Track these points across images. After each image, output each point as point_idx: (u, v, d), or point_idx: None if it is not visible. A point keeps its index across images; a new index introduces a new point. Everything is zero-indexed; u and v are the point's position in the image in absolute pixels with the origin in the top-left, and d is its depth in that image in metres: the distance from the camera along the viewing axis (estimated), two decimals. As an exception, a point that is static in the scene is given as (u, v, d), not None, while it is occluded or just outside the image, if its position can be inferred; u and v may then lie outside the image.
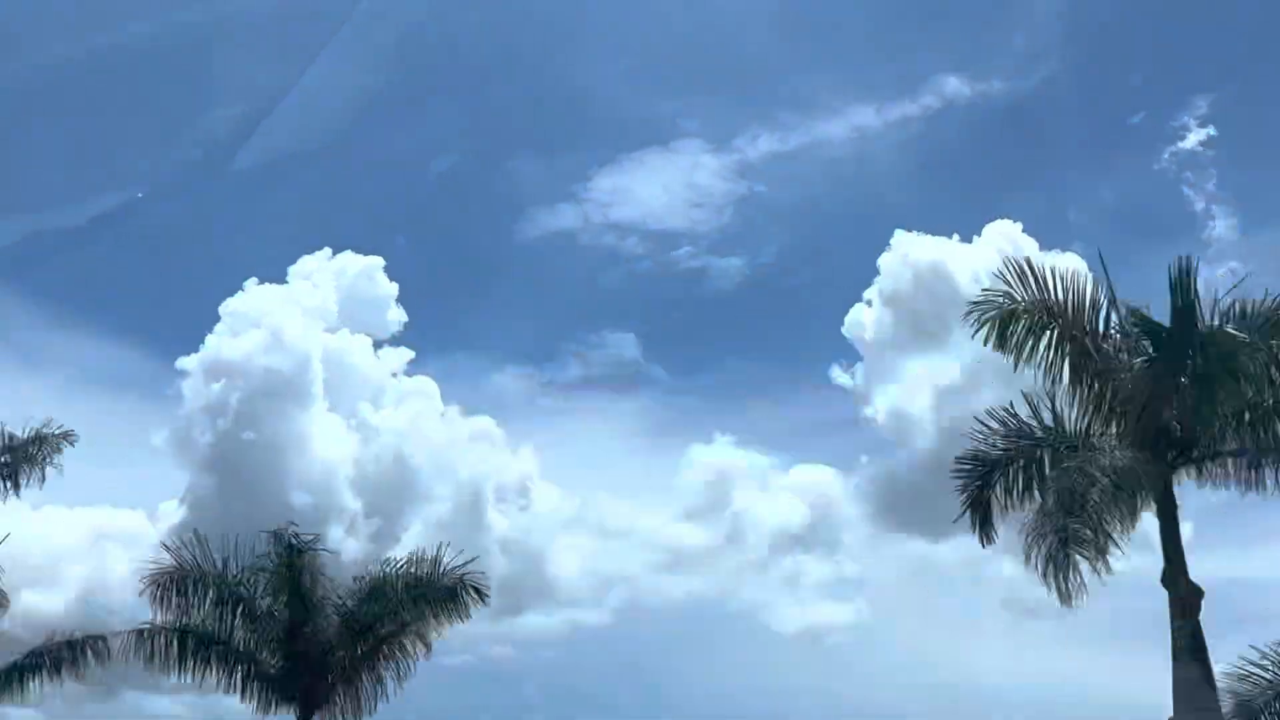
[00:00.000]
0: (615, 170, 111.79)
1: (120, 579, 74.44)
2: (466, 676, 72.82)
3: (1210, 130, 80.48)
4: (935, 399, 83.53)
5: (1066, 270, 19.93)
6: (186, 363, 77.34)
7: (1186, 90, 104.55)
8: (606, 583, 69.73)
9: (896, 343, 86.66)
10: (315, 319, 76.48)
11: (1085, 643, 65.78)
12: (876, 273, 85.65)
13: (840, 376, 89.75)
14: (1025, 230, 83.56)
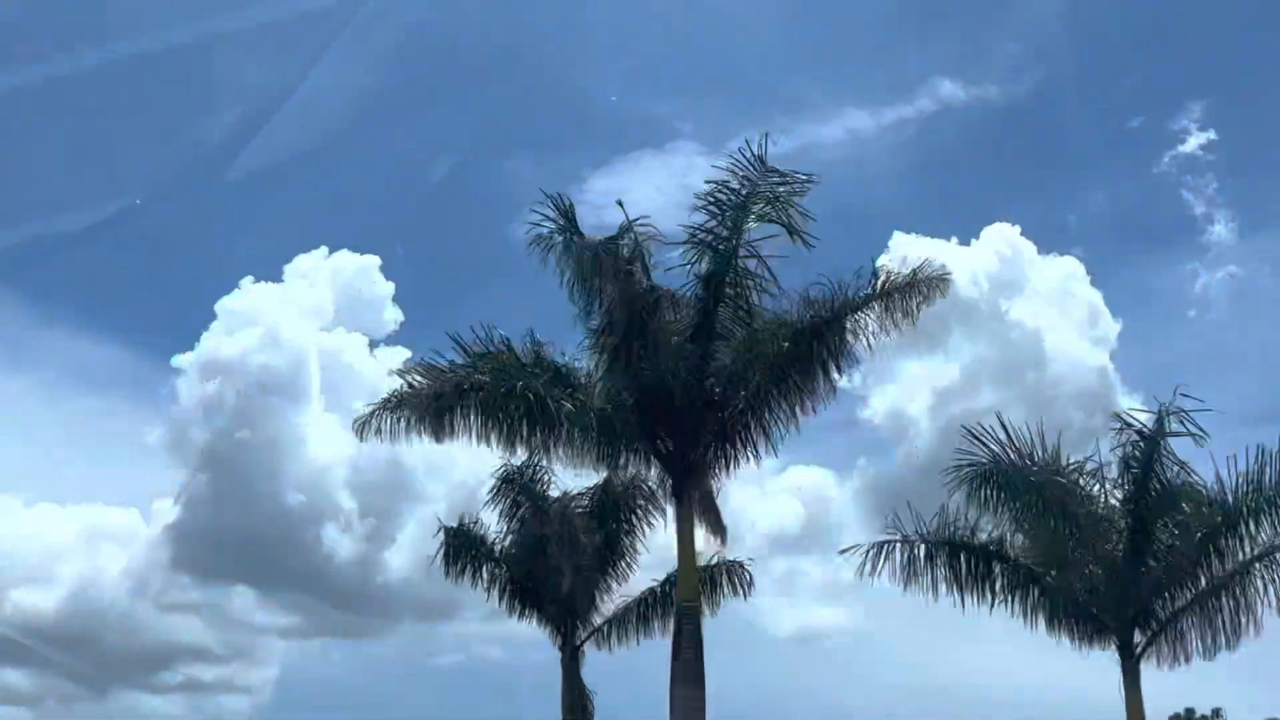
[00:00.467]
0: (609, 172, 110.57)
1: (113, 577, 73.82)
2: (458, 678, 72.38)
3: (1211, 134, 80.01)
4: (933, 401, 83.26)
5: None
6: (182, 361, 76.72)
7: (1185, 94, 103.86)
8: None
9: (894, 345, 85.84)
10: (311, 318, 76.04)
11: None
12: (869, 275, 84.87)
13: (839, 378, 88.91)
14: (1024, 234, 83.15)
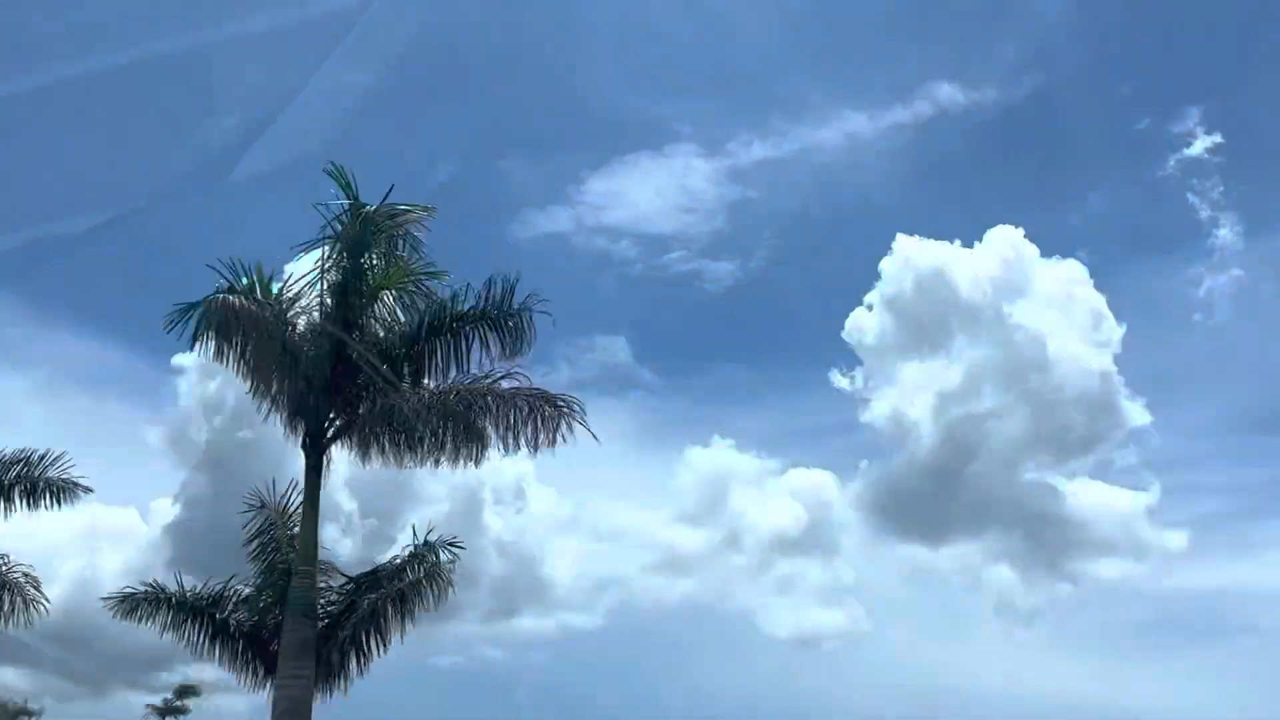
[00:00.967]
0: (608, 173, 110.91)
1: (111, 576, 73.87)
2: (457, 678, 72.62)
3: (1217, 137, 79.86)
4: (936, 403, 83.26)
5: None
6: (183, 360, 76.83)
7: (1186, 98, 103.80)
8: (600, 585, 69.57)
9: (897, 347, 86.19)
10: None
11: (1076, 650, 65.67)
12: (872, 278, 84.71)
13: (839, 380, 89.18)
14: (1026, 236, 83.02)
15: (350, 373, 20.36)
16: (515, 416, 19.76)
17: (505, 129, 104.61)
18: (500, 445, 20.20)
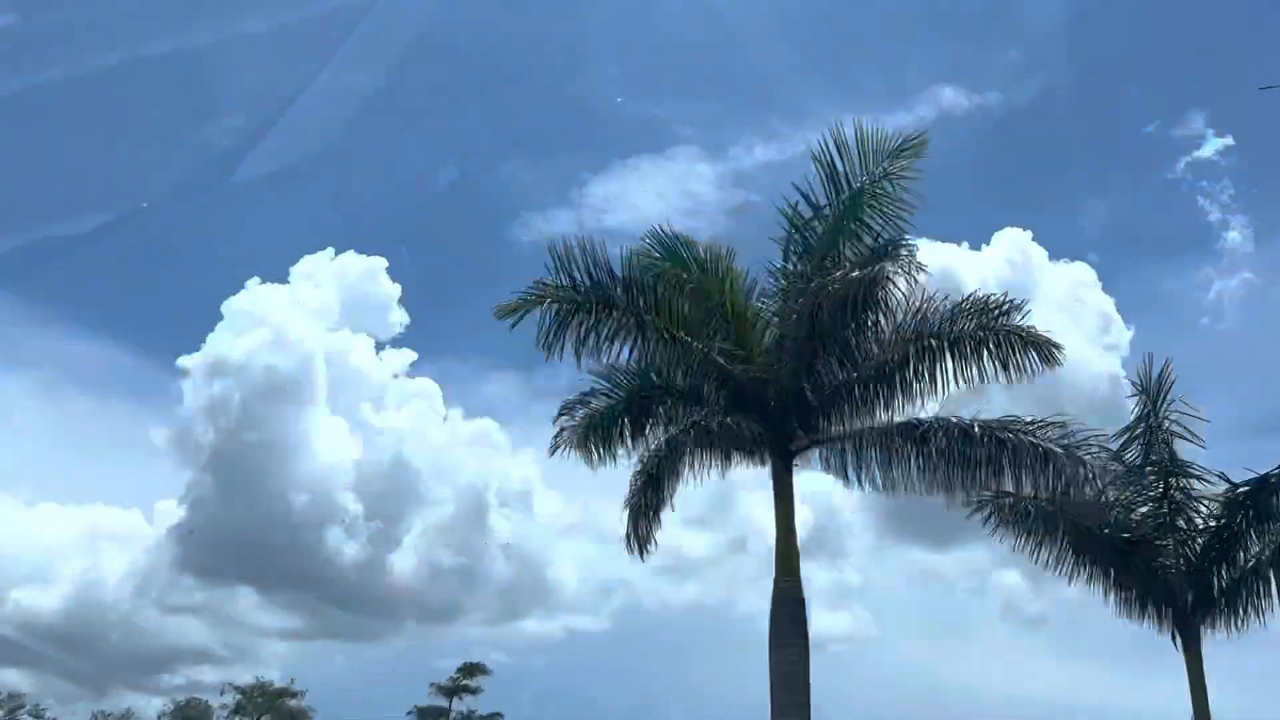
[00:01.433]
0: (609, 176, 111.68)
1: (114, 577, 74.03)
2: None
3: (1228, 139, 79.75)
4: (942, 407, 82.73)
5: None
6: (187, 361, 76.89)
7: (1191, 102, 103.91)
8: (605, 588, 69.48)
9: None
10: (317, 319, 76.10)
11: (1082, 655, 65.38)
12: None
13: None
14: (1035, 239, 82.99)
15: (819, 387, 18.86)
16: (1047, 472, 17.29)
17: (507, 131, 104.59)
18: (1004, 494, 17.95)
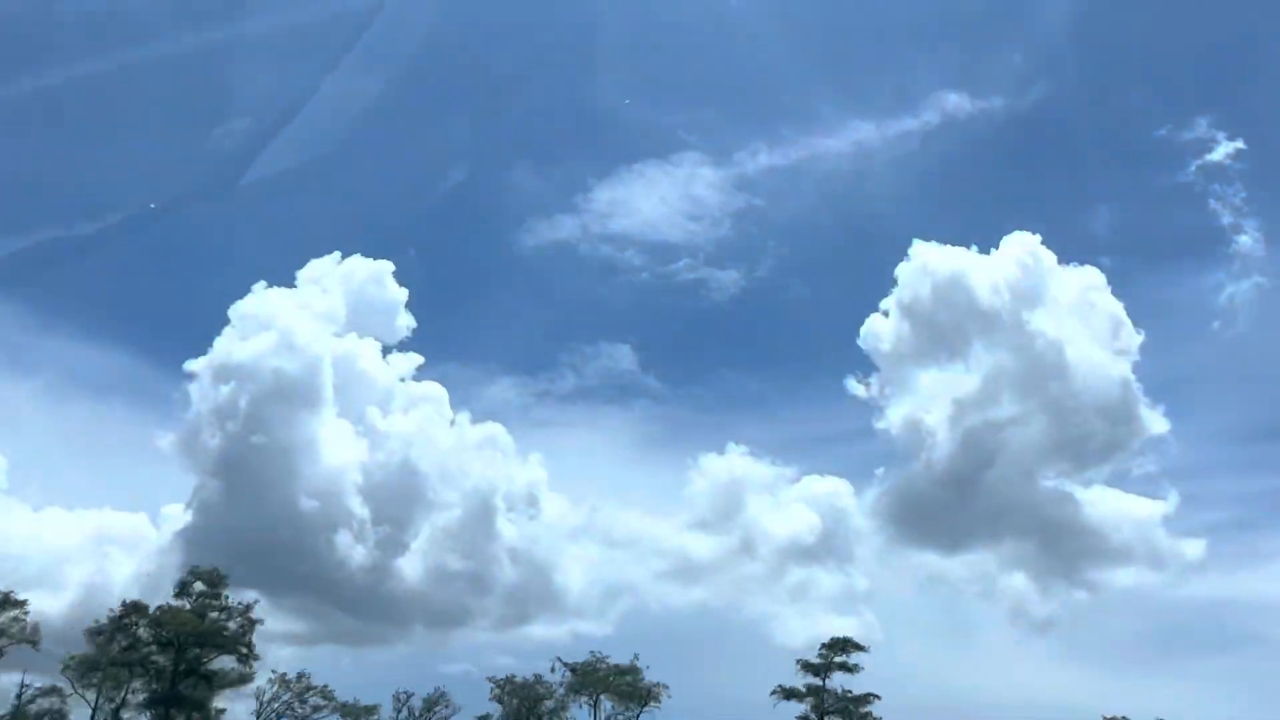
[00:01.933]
0: (614, 182, 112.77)
1: (121, 581, 74.56)
2: (466, 685, 72.55)
3: (1239, 143, 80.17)
4: (953, 411, 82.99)
5: None
6: (194, 365, 77.13)
7: (1196, 107, 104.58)
8: (612, 593, 69.62)
9: (914, 354, 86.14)
10: (324, 323, 76.28)
11: (1090, 659, 65.30)
12: (882, 285, 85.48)
13: (856, 387, 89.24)
14: (1044, 243, 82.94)
15: None
16: None
17: (513, 137, 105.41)
18: None
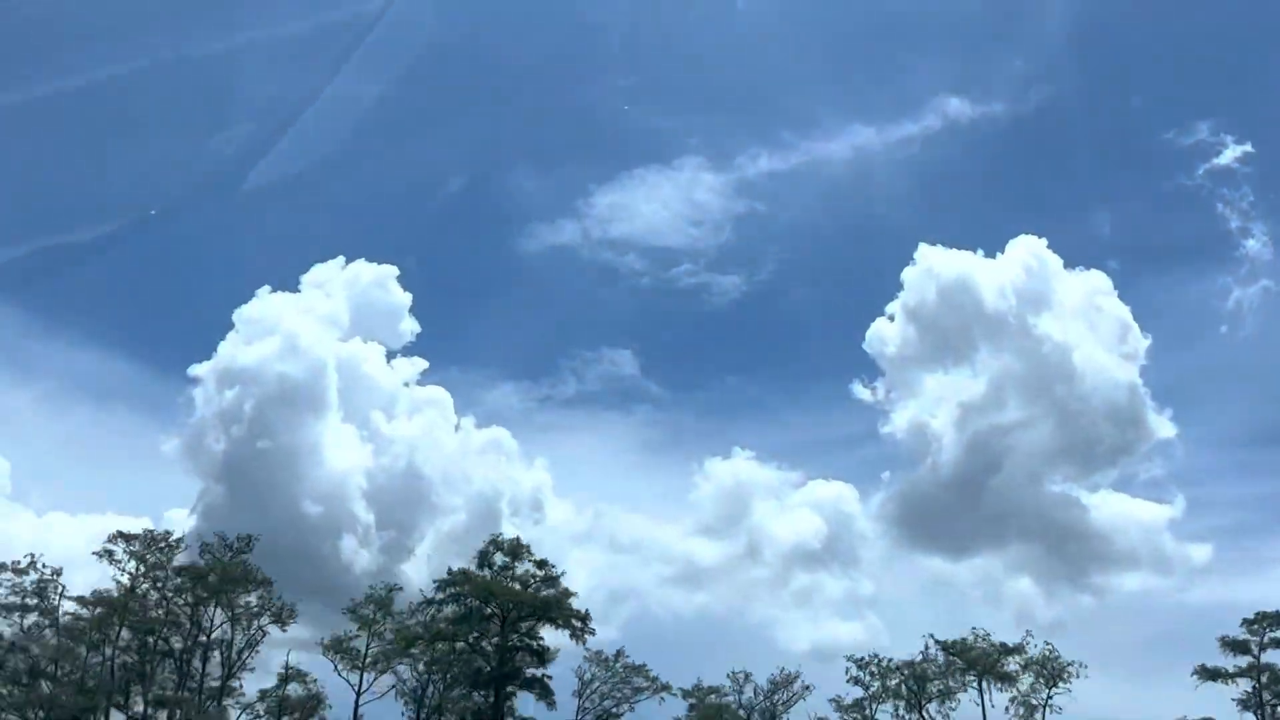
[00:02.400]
0: (615, 187, 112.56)
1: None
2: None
3: (1247, 147, 79.76)
4: (959, 414, 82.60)
5: None
6: (198, 370, 77.01)
7: (1196, 112, 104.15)
8: (616, 597, 69.38)
9: (919, 358, 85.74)
10: (329, 327, 76.15)
11: (1095, 664, 64.96)
12: (884, 289, 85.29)
13: (861, 392, 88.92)
14: (1050, 247, 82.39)
15: None
16: None
17: (514, 141, 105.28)
18: None
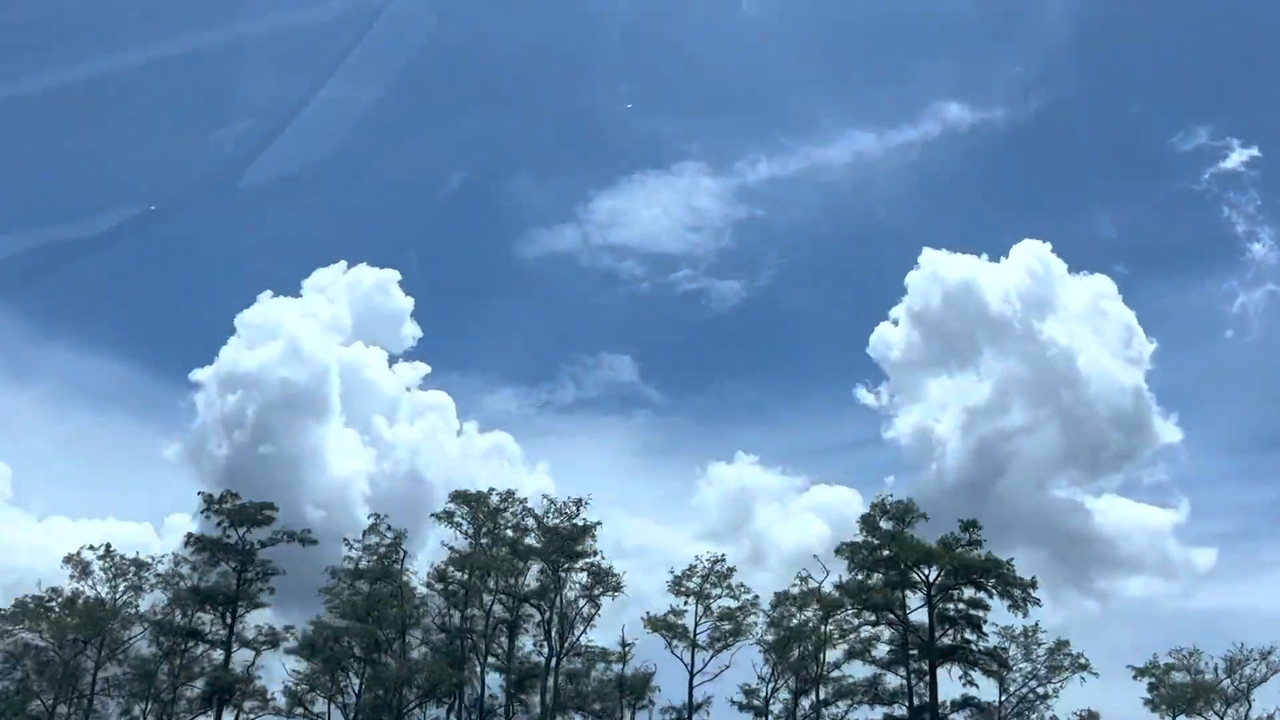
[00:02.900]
0: (614, 192, 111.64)
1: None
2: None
3: (1254, 150, 79.19)
4: (964, 419, 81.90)
5: None
6: (201, 375, 76.70)
7: (1195, 117, 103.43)
8: (621, 601, 68.83)
9: (923, 362, 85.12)
10: (331, 332, 75.86)
11: (1099, 668, 64.62)
12: (885, 294, 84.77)
13: (865, 396, 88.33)
14: (1054, 251, 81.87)
15: None
16: None
17: (513, 145, 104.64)
18: None
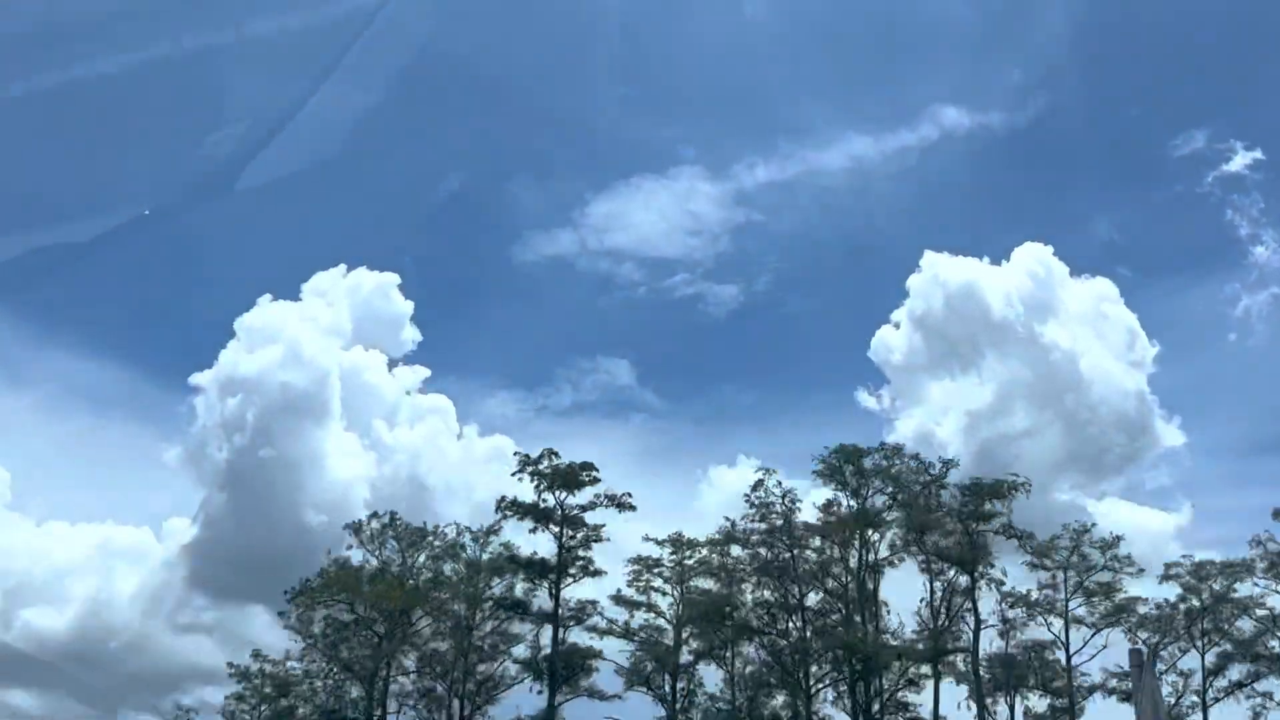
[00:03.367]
0: (611, 196, 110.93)
1: (125, 596, 73.60)
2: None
3: (1257, 153, 78.64)
4: (966, 423, 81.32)
5: None
6: (200, 378, 76.57)
7: (1193, 121, 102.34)
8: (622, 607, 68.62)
9: (925, 365, 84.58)
10: (330, 335, 75.72)
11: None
12: (884, 297, 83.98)
13: (867, 400, 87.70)
14: (1056, 254, 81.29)
15: None
16: None
17: (509, 149, 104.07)
18: None
